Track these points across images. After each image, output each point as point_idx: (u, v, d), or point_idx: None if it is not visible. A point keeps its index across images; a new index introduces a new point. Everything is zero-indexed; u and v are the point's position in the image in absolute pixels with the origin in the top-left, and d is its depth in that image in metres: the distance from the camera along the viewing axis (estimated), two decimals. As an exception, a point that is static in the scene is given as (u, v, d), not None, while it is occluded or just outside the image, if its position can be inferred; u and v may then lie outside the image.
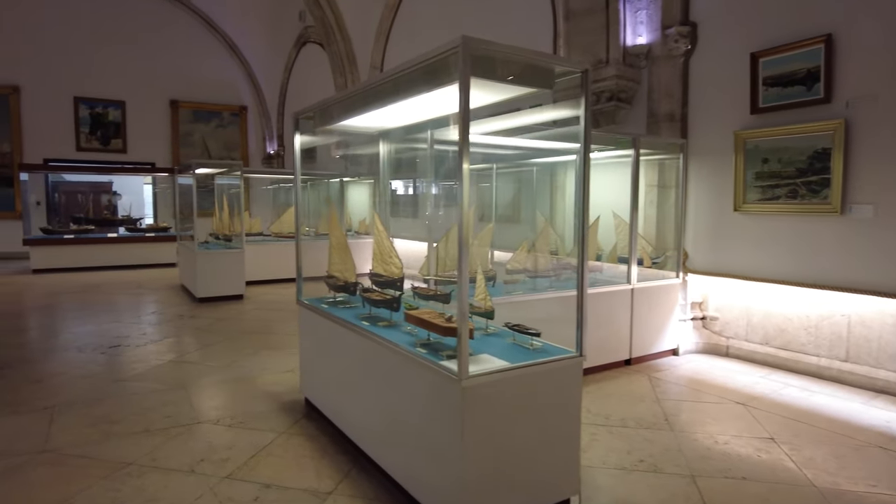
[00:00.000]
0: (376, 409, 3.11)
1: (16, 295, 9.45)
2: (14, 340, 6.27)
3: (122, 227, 13.91)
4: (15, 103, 15.44)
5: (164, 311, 7.97)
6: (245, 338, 6.40)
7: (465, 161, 2.28)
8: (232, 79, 18.41)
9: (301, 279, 4.35)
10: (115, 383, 4.78)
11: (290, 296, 9.26)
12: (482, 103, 3.12)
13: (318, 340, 3.98)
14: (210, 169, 10.02)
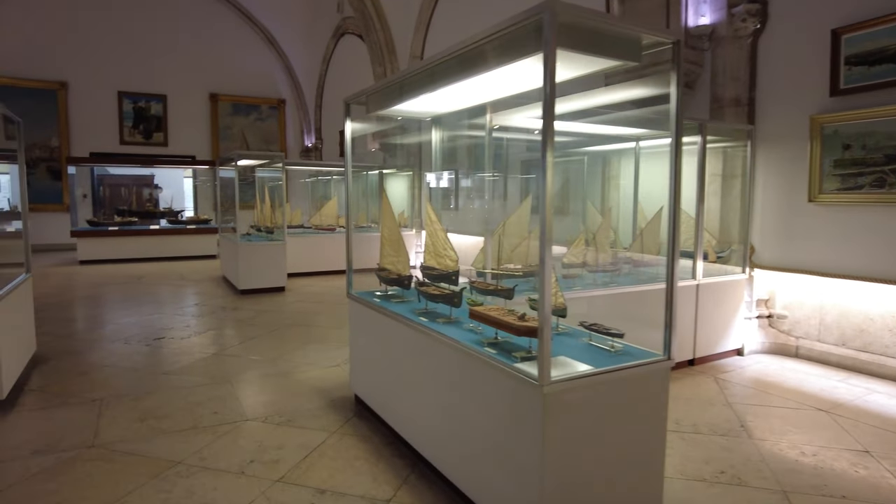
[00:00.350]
0: (436, 411, 2.90)
1: (64, 286, 9.58)
2: (62, 331, 6.29)
3: (164, 219, 14.06)
4: (63, 99, 15.77)
5: (207, 303, 7.94)
6: (288, 330, 6.29)
7: (549, 144, 2.04)
8: (270, 72, 18.45)
9: (351, 272, 4.16)
10: (161, 376, 4.70)
11: (331, 288, 9.15)
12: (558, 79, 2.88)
13: (370, 336, 3.80)
14: (252, 160, 9.96)
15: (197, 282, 9.99)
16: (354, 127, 4.12)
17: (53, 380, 4.62)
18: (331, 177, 14.93)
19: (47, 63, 15.52)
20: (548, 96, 2.01)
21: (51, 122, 15.70)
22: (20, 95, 15.14)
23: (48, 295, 8.55)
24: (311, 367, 4.99)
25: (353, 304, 4.03)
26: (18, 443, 3.43)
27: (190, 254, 13.47)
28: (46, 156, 15.72)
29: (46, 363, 5.06)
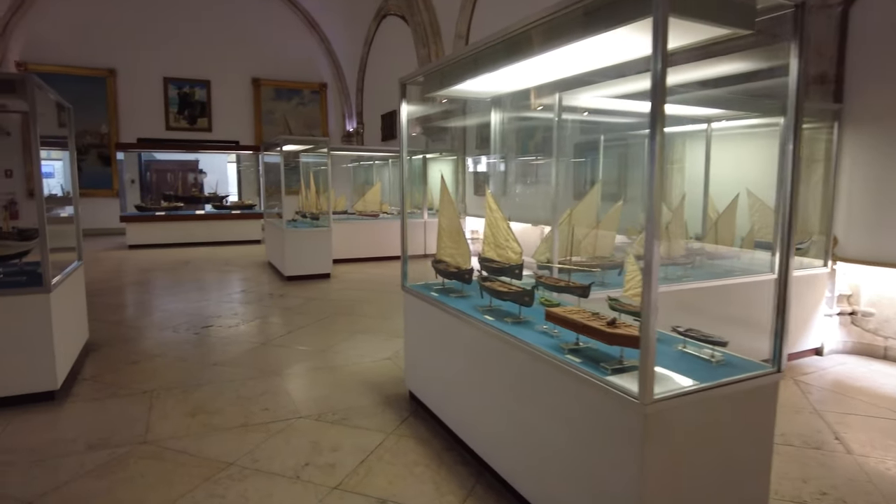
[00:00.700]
0: (505, 419, 2.67)
1: (114, 271, 9.72)
2: (112, 317, 6.30)
3: (209, 205, 14.18)
4: (112, 85, 16.02)
5: (253, 290, 7.90)
6: (336, 320, 6.16)
7: (659, 126, 1.74)
8: (312, 56, 18.36)
9: (406, 262, 3.94)
10: (210, 368, 4.60)
11: (376, 276, 9.01)
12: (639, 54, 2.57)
13: (427, 332, 3.58)
14: (297, 145, 9.85)
15: (242, 267, 10.00)
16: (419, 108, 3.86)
17: (105, 368, 4.57)
18: (373, 162, 14.78)
19: (97, 51, 15.77)
20: (658, 72, 1.71)
21: (101, 109, 15.99)
22: (72, 83, 15.43)
23: (99, 280, 8.66)
24: (362, 359, 4.83)
25: (409, 298, 3.81)
26: (73, 436, 3.36)
27: (234, 239, 13.55)
28: (97, 142, 16.04)
29: (98, 350, 5.04)
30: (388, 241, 10.71)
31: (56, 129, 5.21)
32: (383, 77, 15.98)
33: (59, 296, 4.03)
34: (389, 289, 7.96)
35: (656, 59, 1.71)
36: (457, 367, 3.17)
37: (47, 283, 3.77)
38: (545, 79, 3.31)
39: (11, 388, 3.78)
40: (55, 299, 3.88)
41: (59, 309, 3.98)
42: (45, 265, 3.75)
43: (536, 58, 2.55)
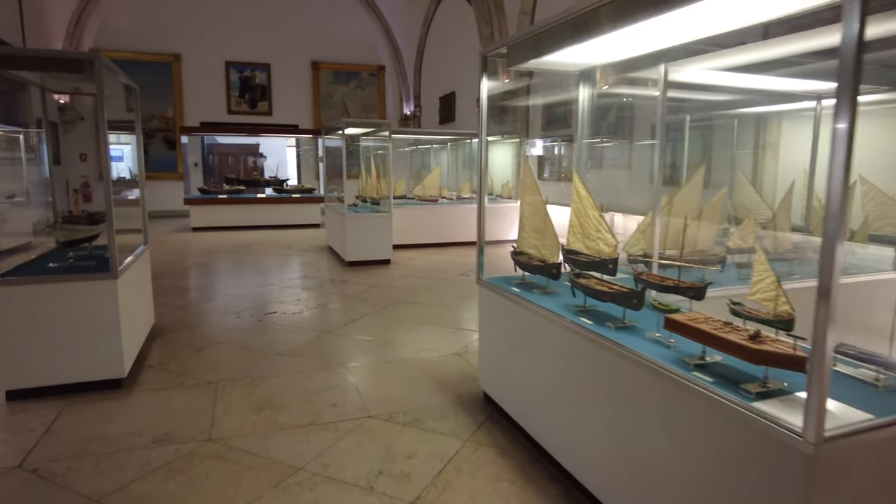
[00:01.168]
0: (605, 435, 2.34)
1: (178, 253, 9.86)
2: (178, 301, 6.30)
3: (270, 188, 14.29)
4: (177, 70, 16.33)
5: (315, 275, 7.80)
6: (400, 309, 5.94)
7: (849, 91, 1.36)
8: (370, 37, 18.17)
9: (482, 253, 3.63)
10: (275, 358, 4.46)
11: (437, 262, 8.77)
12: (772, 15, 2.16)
13: (507, 331, 3.28)
14: (358, 129, 9.66)
15: (303, 251, 9.96)
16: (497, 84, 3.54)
17: (170, 356, 4.50)
18: (430, 146, 14.51)
19: (163, 36, 16.08)
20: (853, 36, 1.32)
21: (167, 94, 16.34)
22: (140, 69, 15.81)
23: (165, 263, 8.77)
24: (430, 353, 4.58)
25: (485, 292, 3.51)
26: (139, 429, 3.25)
27: (294, 222, 13.60)
28: (163, 126, 16.42)
29: (164, 336, 5.00)
30: (448, 226, 10.45)
31: (125, 112, 5.16)
32: (442, 58, 15.63)
33: (126, 281, 3.94)
34: (451, 277, 7.70)
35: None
36: (544, 372, 2.86)
37: (114, 269, 3.67)
38: (652, 47, 2.91)
39: (80, 375, 3.72)
40: (122, 285, 3.79)
41: (125, 295, 3.90)
42: (111, 251, 3.65)
43: (651, 20, 2.17)
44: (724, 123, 6.38)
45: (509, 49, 3.30)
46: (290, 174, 16.99)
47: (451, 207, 10.57)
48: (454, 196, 11.35)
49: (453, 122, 14.83)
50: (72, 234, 3.85)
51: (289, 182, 14.92)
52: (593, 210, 3.12)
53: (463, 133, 12.31)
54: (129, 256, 4.31)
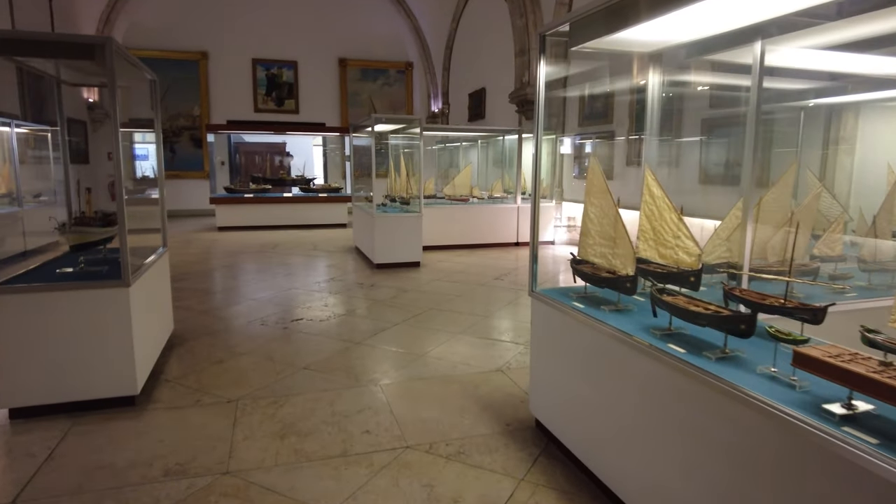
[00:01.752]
0: (706, 496, 1.89)
1: (203, 253, 9.61)
2: (200, 305, 5.99)
3: (296, 187, 14.02)
4: (204, 68, 16.19)
5: (343, 278, 7.44)
6: (433, 317, 5.53)
7: None
8: (398, 34, 17.82)
9: (536, 261, 3.18)
10: (301, 372, 4.08)
11: (469, 266, 8.33)
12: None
13: (567, 352, 2.83)
14: (389, 125, 9.28)
15: (329, 252, 9.63)
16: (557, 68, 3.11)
17: (189, 367, 4.16)
18: (460, 143, 14.09)
19: (190, 34, 15.96)
20: None
21: (193, 93, 16.22)
22: (167, 67, 15.71)
23: (188, 263, 8.51)
24: (468, 368, 4.15)
25: (541, 307, 3.07)
26: (150, 457, 2.89)
27: (320, 222, 13.32)
28: (189, 124, 16.30)
29: (183, 345, 4.66)
30: (480, 227, 10.01)
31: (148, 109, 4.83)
32: (472, 54, 15.18)
33: (141, 289, 3.60)
34: (485, 281, 7.26)
35: None
36: (616, 403, 2.41)
37: (126, 276, 3.33)
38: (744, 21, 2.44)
39: (89, 391, 3.38)
40: (135, 293, 3.45)
41: (139, 303, 3.56)
42: (123, 256, 3.30)
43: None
44: (787, 117, 5.83)
45: (573, 26, 2.85)
46: (316, 173, 16.74)
47: (483, 207, 10.13)
48: (486, 195, 10.91)
49: (483, 119, 14.38)
50: (83, 236, 3.52)
51: (315, 181, 14.64)
52: (670, 212, 2.67)
53: (497, 129, 11.85)
54: (145, 259, 3.98)
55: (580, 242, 3.00)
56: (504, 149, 11.76)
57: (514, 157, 11.45)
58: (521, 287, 6.93)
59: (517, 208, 10.20)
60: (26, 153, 10.58)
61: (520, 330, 5.14)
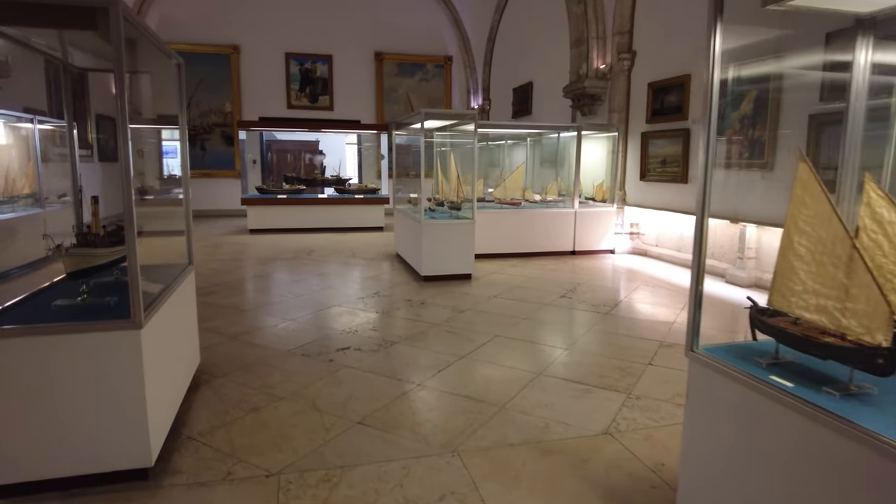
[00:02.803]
0: None
1: (233, 260, 8.89)
2: (229, 326, 5.21)
3: (331, 188, 13.29)
4: (235, 62, 15.59)
5: (388, 293, 6.61)
6: (502, 347, 4.65)
7: None
8: (436, 26, 16.97)
9: (699, 307, 2.27)
10: (356, 429, 3.24)
11: (526, 279, 7.43)
12: None
13: (760, 451, 1.92)
14: (439, 120, 8.42)
15: (370, 260, 8.82)
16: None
17: (218, 417, 3.36)
18: (505, 141, 13.17)
19: (222, 27, 15.38)
20: None
21: (225, 88, 15.62)
22: (198, 62, 15.16)
23: (218, 272, 7.79)
24: (565, 429, 3.27)
25: (708, 374, 2.16)
26: (161, 574, 2.07)
27: (357, 225, 12.56)
28: (221, 121, 15.72)
29: (210, 383, 3.87)
30: (533, 234, 9.10)
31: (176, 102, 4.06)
32: (518, 46, 14.24)
33: (158, 327, 2.80)
34: (550, 300, 6.35)
35: None
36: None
37: (137, 315, 2.53)
38: None
39: (90, 464, 2.60)
40: (150, 335, 2.65)
41: (155, 347, 2.76)
42: (133, 289, 2.50)
43: None
44: None
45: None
46: (349, 173, 16.01)
47: (537, 212, 9.20)
48: (540, 198, 9.98)
49: (530, 116, 13.43)
50: (83, 260, 2.74)
51: (351, 181, 13.89)
52: None
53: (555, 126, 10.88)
54: (165, 284, 3.19)
55: (775, 286, 2.08)
56: (559, 147, 10.81)
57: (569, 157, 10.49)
58: (594, 309, 6.00)
59: (574, 213, 9.26)
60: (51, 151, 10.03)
61: (612, 370, 4.23)
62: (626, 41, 9.46)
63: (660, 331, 5.22)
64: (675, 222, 8.73)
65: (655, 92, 8.82)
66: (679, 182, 8.33)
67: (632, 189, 9.55)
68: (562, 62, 11.09)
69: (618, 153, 9.61)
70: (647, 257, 9.24)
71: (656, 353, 4.62)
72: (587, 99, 10.09)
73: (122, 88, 2.41)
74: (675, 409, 3.54)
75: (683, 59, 8.16)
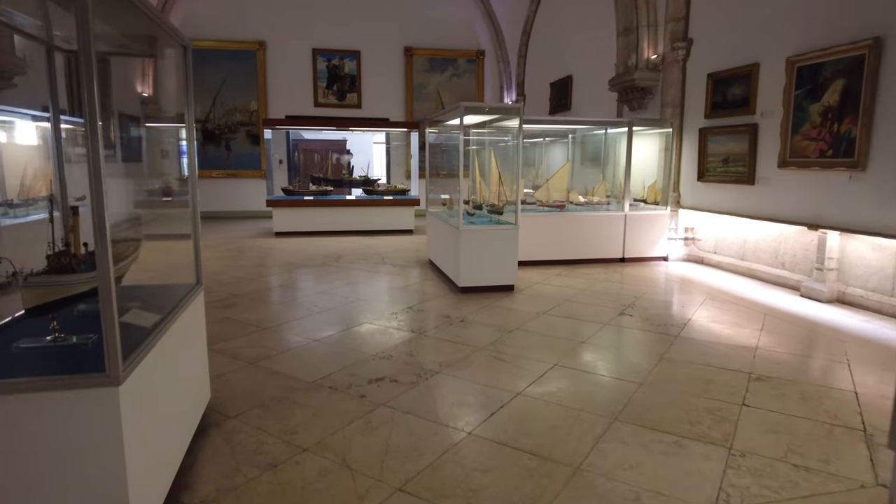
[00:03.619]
0: None
1: (256, 266, 8.34)
2: (248, 348, 4.61)
3: (359, 189, 12.71)
4: (261, 58, 15.12)
5: (423, 307, 5.95)
6: (567, 379, 3.94)
7: None
8: (468, 19, 16.27)
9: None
10: (398, 498, 2.57)
11: (575, 291, 6.69)
12: None
13: None
14: (481, 115, 7.72)
15: (401, 267, 8.18)
16: None
17: (227, 477, 2.72)
18: (543, 139, 12.41)
19: (247, 22, 14.92)
20: None
21: (251, 86, 15.16)
22: (223, 58, 14.78)
23: (239, 281, 7.23)
24: (666, 502, 2.55)
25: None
26: None
27: (385, 228, 11.95)
28: (246, 120, 15.27)
29: (222, 426, 3.25)
30: (579, 240, 8.35)
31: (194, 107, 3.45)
32: (555, 38, 13.45)
33: (147, 375, 2.18)
34: (608, 317, 5.62)
35: None
36: None
37: (114, 368, 1.90)
38: None
39: (56, 558, 1.98)
40: (133, 390, 2.02)
41: (142, 402, 2.14)
42: (108, 335, 1.87)
43: None
44: None
45: None
46: (377, 173, 15.42)
47: (583, 216, 8.44)
48: (585, 200, 9.21)
49: (569, 111, 12.64)
50: (49, 292, 2.13)
51: (380, 182, 13.28)
52: None
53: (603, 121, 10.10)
54: (162, 313, 2.58)
55: None
56: (605, 144, 10.02)
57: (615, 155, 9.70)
58: (661, 330, 5.25)
59: (624, 217, 8.48)
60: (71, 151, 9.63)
61: (702, 413, 3.49)
62: (682, 28, 8.63)
63: (744, 359, 4.46)
64: (736, 227, 7.89)
65: (716, 83, 7.99)
66: (744, 183, 7.48)
67: (687, 190, 8.72)
68: (606, 53, 10.29)
69: (672, 151, 8.79)
70: (705, 265, 8.41)
71: (748, 389, 3.86)
72: (636, 92, 9.28)
73: (88, 53, 1.79)
74: (793, 474, 2.80)
75: (750, 46, 7.32)
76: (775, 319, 5.60)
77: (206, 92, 14.96)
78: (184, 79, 3.13)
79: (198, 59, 14.68)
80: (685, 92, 8.71)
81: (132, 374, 2.02)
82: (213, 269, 7.95)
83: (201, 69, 14.79)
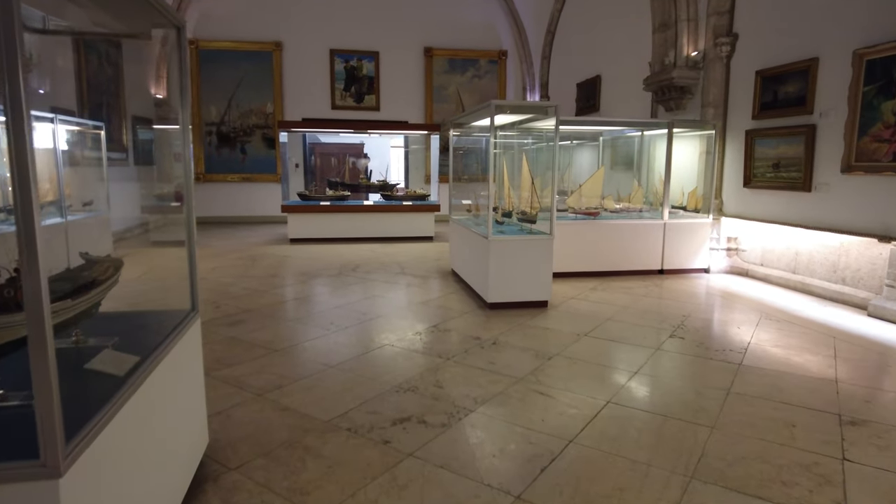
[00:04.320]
0: None
1: (269, 277, 7.84)
2: (255, 376, 4.08)
3: (378, 194, 12.20)
4: (278, 59, 14.71)
5: (449, 326, 5.39)
6: (625, 423, 3.36)
7: None
8: (490, 18, 15.73)
9: None
10: None
11: (614, 307, 6.07)
12: None
13: None
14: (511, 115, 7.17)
15: (422, 279, 7.64)
16: None
17: (222, 558, 2.19)
18: (570, 142, 11.80)
19: (263, 23, 14.53)
20: None
21: (266, 88, 14.75)
22: (240, 59, 14.41)
23: (250, 293, 6.73)
24: None
25: None
26: None
27: (404, 235, 11.43)
28: (262, 122, 14.86)
29: (218, 483, 2.71)
30: (615, 249, 7.74)
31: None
32: (582, 37, 12.86)
33: (103, 458, 1.64)
34: (656, 339, 5.01)
35: None
36: None
37: (52, 454, 1.37)
38: None
39: None
40: (77, 485, 1.49)
41: (98, 489, 1.60)
42: (43, 408, 1.34)
43: None
44: None
45: None
46: (395, 177, 14.90)
47: (619, 224, 7.83)
48: (620, 207, 8.60)
49: (597, 112, 12.03)
50: None
51: (399, 186, 12.77)
52: None
53: (642, 122, 9.49)
54: (141, 356, 2.05)
55: None
56: (641, 148, 9.39)
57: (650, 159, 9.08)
58: (721, 357, 4.63)
59: (663, 225, 7.85)
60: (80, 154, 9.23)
61: (795, 470, 2.88)
62: (726, 22, 8.00)
63: (825, 396, 3.83)
64: (786, 237, 7.22)
65: (766, 81, 7.34)
66: (799, 190, 6.83)
67: (731, 197, 8.07)
68: (638, 52, 9.68)
69: (714, 155, 8.14)
70: (750, 278, 7.75)
71: (843, 436, 3.25)
72: (674, 92, 8.65)
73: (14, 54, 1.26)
74: (935, 563, 2.19)
75: (807, 40, 6.68)
76: (846, 344, 4.96)
77: (222, 93, 14.58)
78: (178, 66, 2.61)
79: (213, 59, 14.34)
80: (729, 91, 8.07)
81: (83, 455, 1.48)
82: (223, 280, 7.47)
83: (216, 70, 14.43)
